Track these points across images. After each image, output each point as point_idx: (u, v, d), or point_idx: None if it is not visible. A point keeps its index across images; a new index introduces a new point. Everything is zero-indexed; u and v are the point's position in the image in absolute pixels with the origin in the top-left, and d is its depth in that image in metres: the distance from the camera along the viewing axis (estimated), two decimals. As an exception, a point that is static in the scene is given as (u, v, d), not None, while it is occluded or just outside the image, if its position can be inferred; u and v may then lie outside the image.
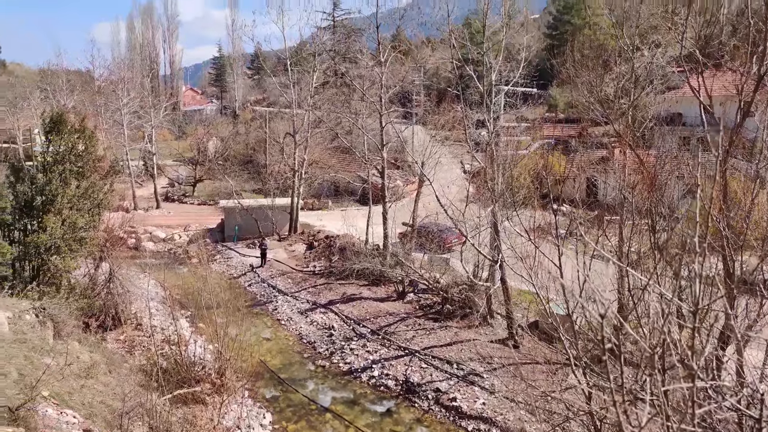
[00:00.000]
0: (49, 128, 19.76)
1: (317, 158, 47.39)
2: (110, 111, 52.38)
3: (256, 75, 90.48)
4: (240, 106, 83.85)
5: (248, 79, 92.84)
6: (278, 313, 28.62)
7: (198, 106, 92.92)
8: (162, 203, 50.92)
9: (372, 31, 33.40)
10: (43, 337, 15.29)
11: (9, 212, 18.36)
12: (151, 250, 38.83)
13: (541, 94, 53.25)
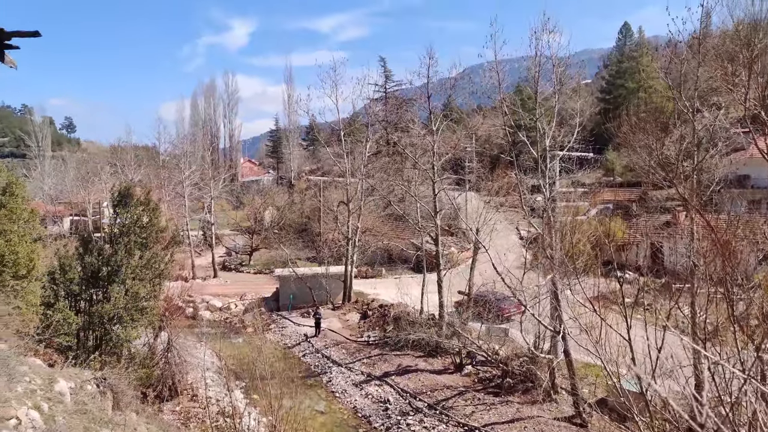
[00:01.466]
0: (117, 201, 20.73)
1: (370, 226, 47.73)
2: (173, 183, 54.98)
3: (311, 146, 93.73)
4: (295, 176, 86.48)
5: (303, 150, 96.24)
6: (332, 385, 27.99)
7: (255, 176, 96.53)
8: (219, 272, 52.01)
9: (423, 101, 34.12)
10: (103, 407, 15.30)
11: (77, 282, 19.02)
12: (208, 319, 39.32)
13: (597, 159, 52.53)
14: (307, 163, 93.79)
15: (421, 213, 35.18)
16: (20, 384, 12.92)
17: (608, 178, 55.34)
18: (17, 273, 14.32)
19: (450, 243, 48.78)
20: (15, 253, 14.14)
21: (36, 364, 14.25)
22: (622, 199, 47.07)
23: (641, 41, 78.57)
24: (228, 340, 33.06)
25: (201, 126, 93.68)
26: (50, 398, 13.75)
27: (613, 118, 37.51)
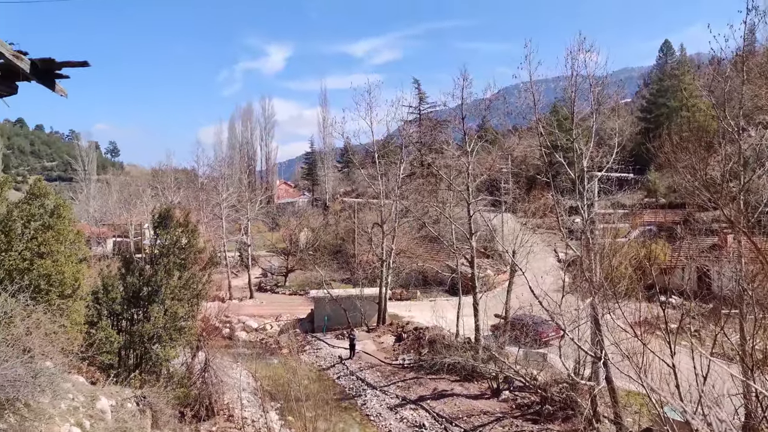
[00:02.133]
0: (157, 223, 21.23)
1: (405, 248, 47.61)
2: (211, 205, 56.14)
3: (346, 168, 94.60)
4: (330, 198, 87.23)
5: (338, 172, 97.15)
6: (367, 408, 27.73)
7: (291, 198, 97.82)
8: (255, 293, 52.54)
9: (457, 122, 34.11)
10: (142, 426, 15.49)
11: (119, 302, 19.47)
12: (244, 340, 39.63)
13: (638, 179, 51.36)
14: (341, 185, 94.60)
15: (456, 235, 34.92)
16: (64, 401, 13.19)
17: (650, 199, 54.01)
18: (63, 292, 14.74)
19: (486, 265, 48.19)
20: (61, 273, 14.59)
21: (79, 381, 14.55)
22: (666, 220, 45.77)
23: (683, 59, 77.23)
24: (263, 361, 33.22)
25: (238, 149, 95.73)
26: (92, 415, 13.99)
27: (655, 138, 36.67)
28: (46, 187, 17.13)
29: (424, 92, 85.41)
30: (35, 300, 11.89)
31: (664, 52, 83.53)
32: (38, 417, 11.16)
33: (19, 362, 8.68)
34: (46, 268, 14.21)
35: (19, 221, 14.77)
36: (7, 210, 15.16)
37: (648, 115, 69.31)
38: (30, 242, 14.61)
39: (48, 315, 11.70)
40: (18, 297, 10.91)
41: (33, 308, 11.17)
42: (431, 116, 78.40)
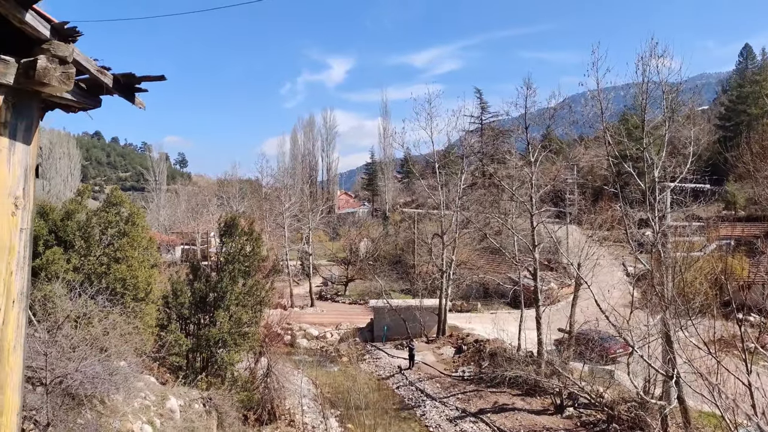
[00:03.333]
0: (223, 231, 21.96)
1: (465, 259, 47.06)
2: (274, 215, 57.48)
3: (406, 178, 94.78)
4: (390, 209, 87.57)
5: (398, 182, 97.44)
6: (426, 419, 27.46)
7: (351, 208, 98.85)
8: (316, 301, 53.26)
9: (520, 132, 33.52)
10: (209, 426, 15.97)
11: (187, 307, 20.23)
12: (305, 347, 40.22)
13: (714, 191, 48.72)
14: (401, 196, 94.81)
15: (518, 246, 34.20)
16: (136, 399, 13.77)
17: (728, 211, 51.05)
18: (137, 296, 15.49)
19: (550, 278, 46.93)
20: (135, 277, 15.35)
21: (150, 381, 15.19)
22: (745, 234, 43.02)
23: (765, 64, 72.96)
24: (323, 368, 33.58)
25: (300, 160, 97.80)
26: (162, 414, 14.53)
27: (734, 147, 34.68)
28: (121, 196, 18.10)
29: (486, 102, 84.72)
30: (111, 302, 12.61)
31: (744, 56, 79.28)
32: (113, 414, 11.71)
33: (97, 361, 9.15)
34: (122, 273, 14.98)
35: (97, 228, 15.67)
36: (86, 217, 16.12)
37: (726, 122, 65.80)
38: (107, 248, 15.47)
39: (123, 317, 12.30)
40: (96, 299, 11.53)
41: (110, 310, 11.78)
42: (493, 126, 77.52)
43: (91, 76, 4.25)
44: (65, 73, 3.87)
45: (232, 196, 62.96)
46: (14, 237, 3.95)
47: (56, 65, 3.82)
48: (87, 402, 9.28)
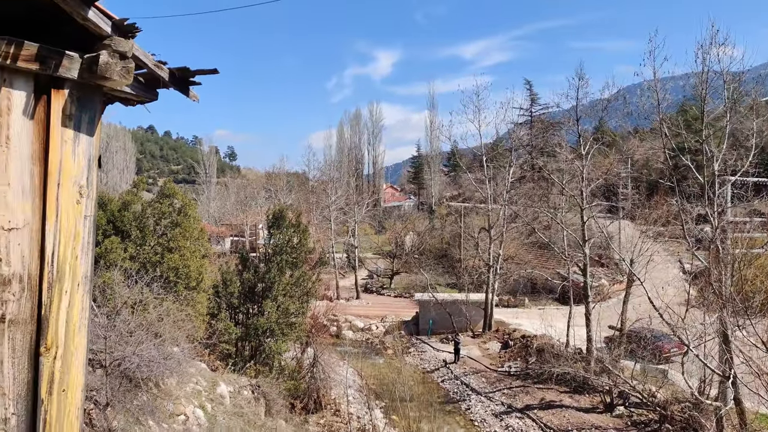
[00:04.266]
0: (271, 223, 22.38)
1: (513, 254, 46.41)
2: (320, 208, 58.12)
3: (452, 172, 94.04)
4: (436, 202, 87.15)
5: (445, 176, 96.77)
6: (471, 413, 27.37)
7: (397, 202, 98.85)
8: (362, 294, 53.66)
9: (571, 124, 32.75)
10: (257, 412, 16.38)
11: (236, 296, 20.76)
12: (350, 339, 40.64)
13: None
14: (448, 189, 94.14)
15: (568, 241, 33.47)
16: (189, 384, 14.24)
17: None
18: (189, 284, 16.02)
19: (600, 274, 45.78)
20: (187, 267, 15.89)
21: (202, 367, 15.68)
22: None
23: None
24: (369, 360, 33.86)
25: (347, 153, 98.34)
26: (213, 399, 14.99)
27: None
28: (174, 188, 18.72)
29: (536, 93, 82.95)
30: (165, 290, 13.10)
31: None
32: (167, 397, 12.15)
33: (153, 345, 9.52)
34: (175, 262, 15.52)
35: (152, 218, 16.29)
36: (141, 208, 16.78)
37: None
38: (161, 238, 16.06)
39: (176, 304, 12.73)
40: (151, 287, 12.00)
41: (164, 297, 12.22)
42: (543, 118, 75.91)
43: (149, 70, 4.40)
44: (125, 67, 4.02)
45: (279, 189, 64.00)
46: (79, 224, 4.16)
47: (117, 60, 3.97)
48: (143, 384, 9.67)
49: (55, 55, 3.92)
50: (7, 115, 3.81)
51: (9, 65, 3.74)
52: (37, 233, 3.95)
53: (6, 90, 3.81)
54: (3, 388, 3.84)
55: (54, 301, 4.02)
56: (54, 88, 4.01)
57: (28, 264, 3.91)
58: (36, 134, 3.95)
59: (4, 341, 3.82)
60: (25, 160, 3.89)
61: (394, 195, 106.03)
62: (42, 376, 3.97)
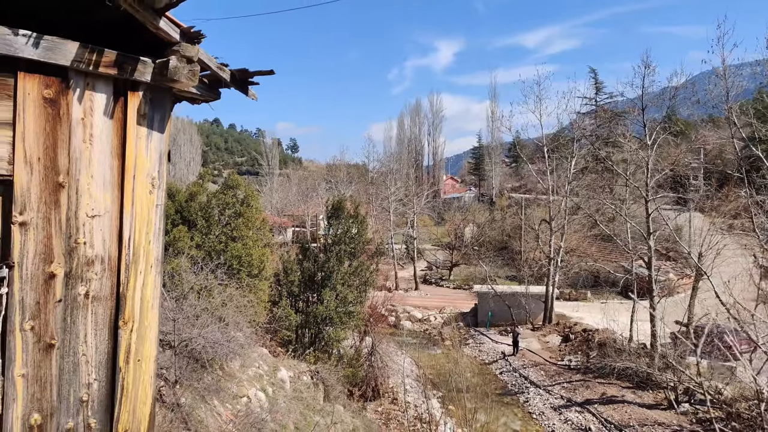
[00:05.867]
0: (330, 214, 22.98)
1: (575, 246, 45.39)
2: (379, 199, 58.61)
3: (514, 163, 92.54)
4: (497, 194, 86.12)
5: (506, 167, 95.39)
6: (530, 406, 27.18)
7: (457, 193, 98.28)
8: (420, 285, 53.92)
9: (637, 113, 31.65)
10: (315, 397, 16.98)
11: (296, 285, 21.51)
12: (409, 329, 41.03)
13: None
14: (509, 180, 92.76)
15: (632, 234, 32.44)
16: (251, 368, 14.97)
17: None
18: (251, 272, 16.80)
19: (667, 268, 44.08)
20: (249, 255, 16.67)
21: (263, 352, 16.42)
22: None
23: None
24: (426, 351, 34.14)
25: (406, 144, 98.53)
26: (273, 383, 15.67)
27: None
28: (238, 179, 19.61)
29: (602, 82, 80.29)
30: (229, 277, 13.82)
31: None
32: (231, 379, 12.86)
33: (217, 329, 10.15)
34: (238, 251, 16.31)
35: (217, 209, 17.18)
36: (207, 199, 17.71)
37: None
38: (225, 227, 16.91)
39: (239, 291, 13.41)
40: (215, 273, 12.71)
41: (227, 284, 12.92)
42: (608, 107, 73.47)
43: (212, 72, 4.82)
44: (192, 71, 4.44)
45: (339, 181, 65.00)
46: (151, 212, 4.66)
47: (184, 64, 4.40)
48: (208, 365, 10.32)
49: (131, 61, 4.39)
50: (90, 115, 4.31)
51: (92, 71, 4.23)
52: (116, 220, 4.46)
53: (89, 93, 4.30)
54: (87, 357, 4.37)
55: (130, 280, 4.54)
56: (130, 90, 4.49)
57: (108, 247, 4.43)
58: (115, 132, 4.44)
59: (88, 315, 4.36)
60: (105, 156, 4.40)
61: (454, 186, 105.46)
62: (120, 347, 4.50)
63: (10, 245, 4.03)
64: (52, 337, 4.20)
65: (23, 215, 4.05)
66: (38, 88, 4.07)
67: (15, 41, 3.88)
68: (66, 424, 4.30)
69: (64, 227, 4.22)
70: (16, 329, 4.05)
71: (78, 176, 4.26)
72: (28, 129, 4.04)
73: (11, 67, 3.97)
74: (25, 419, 4.09)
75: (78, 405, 4.36)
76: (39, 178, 4.10)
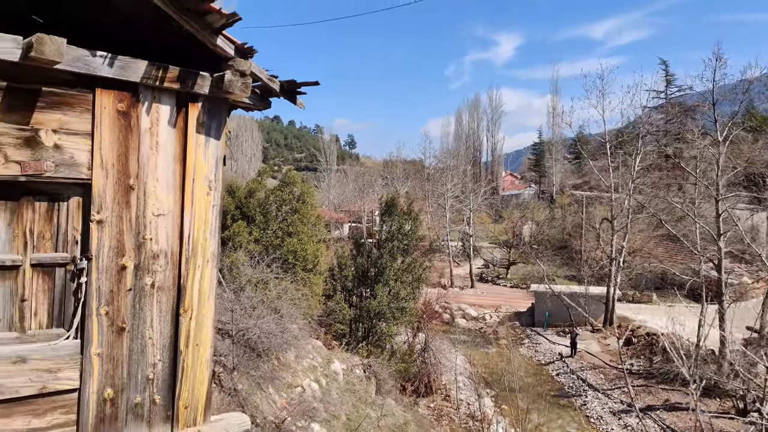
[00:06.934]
0: (383, 210, 23.38)
1: (639, 246, 43.89)
2: (436, 195, 58.45)
3: (576, 159, 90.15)
4: (557, 191, 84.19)
5: (568, 163, 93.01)
6: (587, 409, 26.70)
7: (516, 190, 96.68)
8: (476, 283, 53.57)
9: (707, 108, 30.33)
10: (367, 390, 17.44)
11: (350, 280, 22.06)
12: (463, 327, 40.97)
13: None
14: (571, 177, 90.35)
15: (702, 235, 31.14)
16: (305, 359, 15.59)
17: None
18: (305, 266, 17.48)
19: (741, 271, 41.94)
20: (305, 250, 17.36)
21: (318, 345, 17.02)
22: None
23: None
24: (481, 349, 34.05)
25: (464, 140, 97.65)
26: (327, 375, 16.25)
27: None
28: (294, 177, 20.36)
29: (672, 75, 76.79)
30: (284, 271, 14.46)
31: None
32: (286, 369, 13.47)
33: (272, 320, 10.73)
34: (293, 246, 17.01)
35: (274, 205, 17.96)
36: (265, 195, 18.53)
37: None
38: (281, 223, 17.66)
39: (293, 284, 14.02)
40: (271, 267, 13.36)
41: (283, 277, 13.54)
42: (679, 101, 70.35)
43: (263, 83, 5.29)
44: (245, 83, 4.91)
45: (396, 177, 65.23)
46: (208, 211, 5.18)
47: (238, 77, 4.87)
48: (264, 355, 10.93)
49: (191, 75, 4.90)
50: (156, 125, 4.85)
51: (158, 86, 4.76)
52: (177, 219, 5.01)
53: (156, 105, 4.84)
54: (153, 340, 4.93)
55: (189, 273, 5.08)
56: (191, 102, 5.02)
57: (170, 243, 4.98)
58: (177, 140, 4.97)
59: (154, 303, 4.92)
60: (169, 161, 4.93)
61: (514, 183, 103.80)
62: (180, 332, 5.06)
63: (89, 240, 4.62)
64: (124, 322, 4.77)
65: (100, 214, 4.62)
66: (113, 102, 4.63)
67: (93, 62, 4.44)
68: (134, 399, 4.88)
69: (134, 225, 4.78)
70: (93, 314, 4.64)
71: (145, 179, 4.81)
72: (104, 138, 4.61)
73: (90, 84, 4.54)
74: (99, 393, 4.68)
75: (145, 382, 4.93)
76: (113, 182, 4.66)
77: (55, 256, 4.56)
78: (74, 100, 4.48)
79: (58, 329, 4.60)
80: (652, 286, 46.11)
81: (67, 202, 4.59)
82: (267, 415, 10.09)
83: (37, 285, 4.52)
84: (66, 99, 4.45)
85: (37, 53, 3.92)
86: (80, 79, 4.45)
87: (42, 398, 4.46)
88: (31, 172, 4.28)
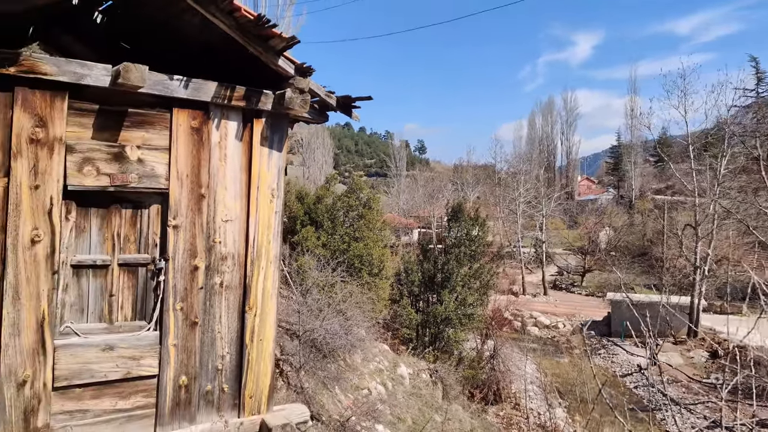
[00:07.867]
0: (450, 216, 23.46)
1: (726, 254, 41.36)
2: (507, 200, 57.53)
3: (659, 163, 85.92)
4: (637, 196, 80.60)
5: (650, 167, 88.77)
6: (667, 425, 25.48)
7: (593, 195, 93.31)
8: (549, 290, 52.26)
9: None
10: (434, 395, 17.59)
11: (417, 285, 22.29)
12: (534, 335, 40.12)
13: None
14: (653, 182, 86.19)
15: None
16: (372, 363, 15.99)
17: None
18: (371, 271, 17.89)
19: None
20: (370, 255, 17.79)
21: (384, 349, 17.36)
22: None
23: None
24: (553, 358, 33.28)
25: (537, 144, 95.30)
26: (393, 379, 16.59)
27: None
28: (361, 183, 20.89)
29: (764, 72, 71.86)
30: (350, 275, 14.90)
31: None
32: (352, 371, 13.90)
33: (337, 322, 11.18)
34: (359, 250, 17.46)
35: (341, 210, 18.55)
36: (332, 201, 19.18)
37: None
38: (348, 228, 18.19)
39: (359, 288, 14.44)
40: (338, 271, 13.85)
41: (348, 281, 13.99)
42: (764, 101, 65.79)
43: (321, 99, 5.73)
44: (304, 99, 5.36)
45: (466, 182, 64.63)
46: (271, 217, 5.66)
47: (298, 95, 5.32)
48: (330, 356, 11.37)
49: (255, 94, 5.40)
50: (225, 139, 5.37)
51: (226, 104, 5.29)
52: (243, 224, 5.52)
53: (224, 122, 5.37)
54: (221, 334, 5.45)
55: (254, 274, 5.58)
56: (255, 117, 5.52)
57: (237, 246, 5.50)
58: (243, 152, 5.48)
59: (222, 300, 5.44)
60: (236, 172, 5.45)
61: (590, 188, 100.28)
62: (246, 328, 5.56)
63: (166, 243, 5.19)
64: (196, 317, 5.31)
65: (176, 220, 5.18)
66: (187, 120, 5.19)
67: (171, 84, 5.01)
68: (205, 387, 5.41)
69: (205, 229, 5.32)
70: (170, 309, 5.21)
71: (215, 188, 5.35)
72: (180, 152, 5.17)
73: (168, 104, 5.12)
74: (175, 380, 5.23)
75: (214, 372, 5.45)
76: (187, 191, 5.21)
77: (138, 257, 5.16)
78: (154, 119, 5.07)
79: (140, 322, 5.20)
80: (741, 296, 43.30)
81: (148, 209, 5.18)
82: (332, 413, 10.51)
83: (123, 282, 5.13)
84: (148, 118, 5.05)
85: (124, 79, 4.50)
86: (159, 100, 5.04)
87: (126, 382, 5.06)
88: (118, 183, 4.89)
